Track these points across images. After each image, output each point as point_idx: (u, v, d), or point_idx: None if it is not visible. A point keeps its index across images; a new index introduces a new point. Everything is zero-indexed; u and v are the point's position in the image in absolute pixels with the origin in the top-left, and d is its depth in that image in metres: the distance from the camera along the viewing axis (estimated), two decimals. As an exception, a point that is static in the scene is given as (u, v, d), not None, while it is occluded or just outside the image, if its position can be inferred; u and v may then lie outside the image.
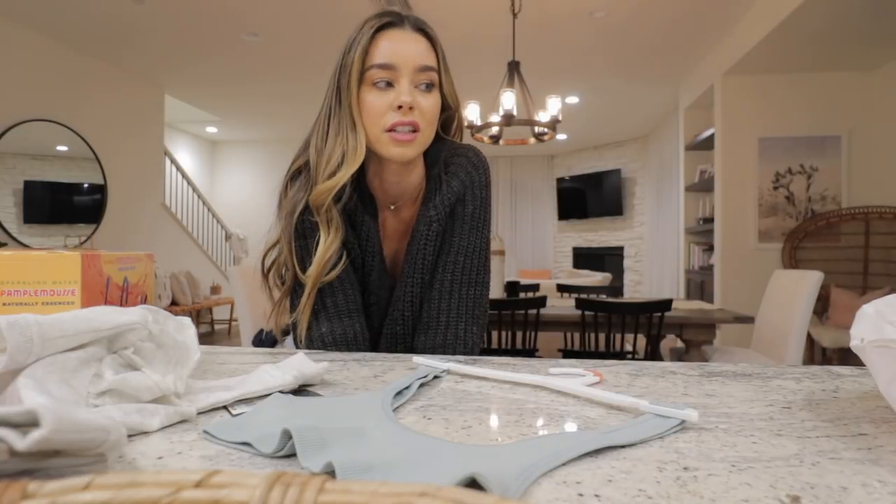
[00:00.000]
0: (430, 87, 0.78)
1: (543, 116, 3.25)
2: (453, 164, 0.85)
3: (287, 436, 0.33)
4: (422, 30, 0.80)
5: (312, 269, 0.77)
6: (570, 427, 0.40)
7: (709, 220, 4.75)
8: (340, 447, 0.32)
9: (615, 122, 6.67)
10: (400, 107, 0.74)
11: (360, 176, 0.83)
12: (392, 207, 0.87)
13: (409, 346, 0.85)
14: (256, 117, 6.77)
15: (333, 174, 0.76)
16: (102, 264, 0.59)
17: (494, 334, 2.77)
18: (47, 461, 0.24)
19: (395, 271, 0.88)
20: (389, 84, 0.76)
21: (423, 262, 0.83)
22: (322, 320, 0.80)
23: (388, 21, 0.78)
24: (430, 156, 0.86)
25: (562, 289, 3.60)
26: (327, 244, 0.77)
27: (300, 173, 0.82)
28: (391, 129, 0.75)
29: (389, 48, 0.76)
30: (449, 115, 0.87)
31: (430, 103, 0.78)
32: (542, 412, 0.43)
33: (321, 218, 0.77)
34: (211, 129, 7.46)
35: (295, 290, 0.81)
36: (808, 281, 2.31)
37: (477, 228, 0.85)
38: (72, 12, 3.75)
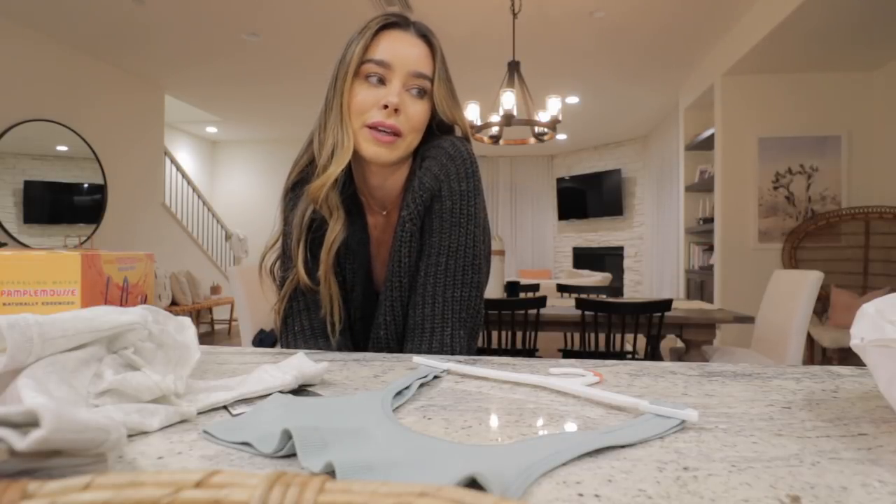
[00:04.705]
0: (421, 93, 0.77)
1: (543, 116, 3.25)
2: (428, 158, 0.79)
3: (287, 436, 0.33)
4: (425, 36, 0.80)
5: (322, 254, 0.78)
6: (570, 427, 0.40)
7: (709, 220, 4.75)
8: (340, 447, 0.32)
9: (615, 122, 6.67)
10: (385, 106, 0.74)
11: (349, 181, 0.82)
12: (384, 213, 0.86)
13: (398, 352, 0.83)
14: (256, 117, 6.77)
15: (326, 168, 0.76)
16: (102, 264, 0.59)
17: (494, 334, 2.77)
18: (47, 461, 0.24)
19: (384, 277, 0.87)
20: (381, 81, 0.76)
21: (401, 265, 0.80)
22: (299, 341, 0.82)
23: (394, 21, 0.78)
24: (416, 153, 0.83)
25: (562, 289, 3.60)
26: (331, 227, 0.77)
27: (300, 185, 0.82)
28: (371, 126, 0.75)
29: (388, 47, 0.76)
30: (443, 120, 0.83)
31: (417, 109, 0.77)
32: (542, 412, 0.43)
33: (322, 209, 0.78)
34: (211, 129, 7.46)
35: (295, 296, 0.82)
36: (808, 281, 2.31)
37: (458, 225, 0.78)
38: (72, 13, 3.75)
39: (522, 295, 3.15)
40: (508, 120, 3.09)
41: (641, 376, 0.55)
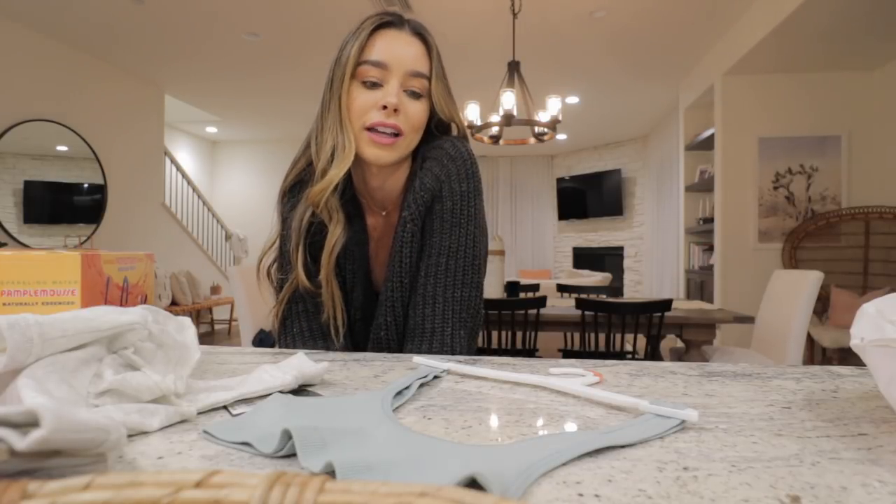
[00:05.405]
0: (418, 94, 0.77)
1: (543, 116, 3.25)
2: (429, 159, 0.80)
3: (287, 436, 0.33)
4: (420, 34, 0.79)
5: (323, 258, 0.78)
6: (570, 427, 0.40)
7: (709, 220, 4.75)
8: (340, 447, 0.32)
9: (615, 122, 6.67)
10: (384, 107, 0.74)
11: (348, 183, 0.82)
12: (384, 213, 0.86)
13: (398, 352, 0.83)
14: (256, 117, 6.78)
15: (325, 172, 0.76)
16: (102, 264, 0.59)
17: (494, 334, 2.77)
18: (47, 461, 0.24)
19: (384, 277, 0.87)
20: (378, 84, 0.75)
21: (402, 265, 0.80)
22: (298, 343, 0.83)
23: (389, 21, 0.78)
24: (416, 155, 0.83)
25: (562, 289, 3.60)
26: (331, 232, 0.77)
27: (298, 187, 0.82)
28: (371, 129, 0.75)
29: (385, 47, 0.75)
30: (441, 119, 0.83)
31: (416, 109, 0.77)
32: (542, 412, 0.43)
33: (322, 213, 0.77)
34: (211, 129, 7.46)
35: (294, 299, 0.82)
36: (808, 281, 2.31)
37: (459, 225, 0.79)
38: (72, 12, 3.75)
39: (522, 295, 3.15)
40: (508, 120, 3.09)
41: (641, 376, 0.55)
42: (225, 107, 6.28)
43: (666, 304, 2.28)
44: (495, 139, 3.51)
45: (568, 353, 2.77)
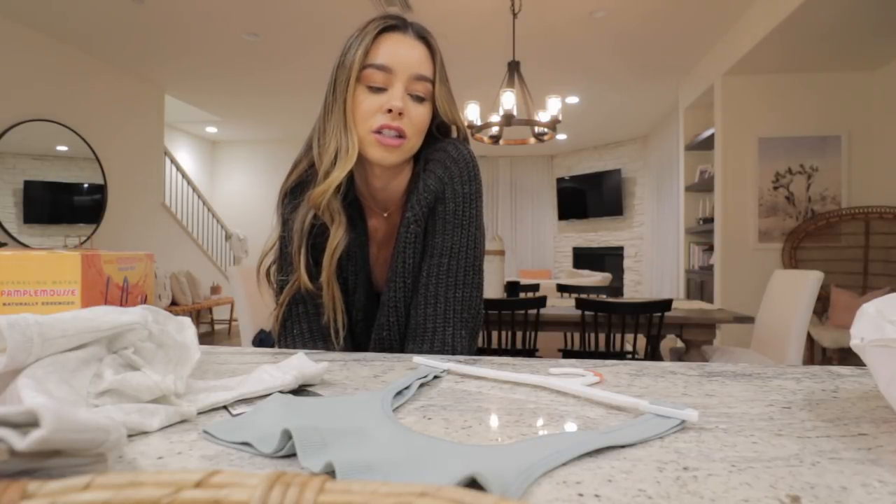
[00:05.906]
0: (421, 98, 0.78)
1: (543, 116, 3.25)
2: (431, 161, 0.81)
3: (287, 436, 0.33)
4: (423, 38, 0.80)
5: (325, 260, 0.78)
6: (570, 427, 0.40)
7: (709, 220, 4.75)
8: (340, 447, 0.32)
9: (615, 122, 6.67)
10: (390, 110, 0.74)
11: (350, 185, 0.82)
12: (385, 214, 0.86)
13: (400, 352, 0.84)
14: (256, 117, 6.77)
15: (328, 174, 0.76)
16: (102, 264, 0.59)
17: (494, 334, 2.77)
18: (47, 461, 0.24)
19: (385, 278, 0.87)
20: (382, 89, 0.76)
21: (404, 266, 0.81)
22: (298, 345, 0.83)
23: (392, 24, 0.78)
24: (417, 156, 0.84)
25: (562, 289, 3.60)
26: (333, 233, 0.78)
27: (299, 189, 0.82)
28: (377, 131, 0.75)
29: (389, 51, 0.76)
30: (443, 121, 0.84)
31: (420, 112, 0.77)
32: (542, 412, 0.43)
33: (324, 215, 0.78)
34: (211, 129, 7.46)
35: (295, 301, 0.82)
36: (808, 281, 2.31)
37: (461, 226, 0.80)
38: (72, 12, 3.75)
39: (522, 295, 3.15)
40: (508, 120, 3.09)
41: (641, 376, 0.55)
42: (225, 107, 6.28)
43: (666, 304, 2.28)
44: (495, 139, 3.51)
45: (568, 353, 2.77)
